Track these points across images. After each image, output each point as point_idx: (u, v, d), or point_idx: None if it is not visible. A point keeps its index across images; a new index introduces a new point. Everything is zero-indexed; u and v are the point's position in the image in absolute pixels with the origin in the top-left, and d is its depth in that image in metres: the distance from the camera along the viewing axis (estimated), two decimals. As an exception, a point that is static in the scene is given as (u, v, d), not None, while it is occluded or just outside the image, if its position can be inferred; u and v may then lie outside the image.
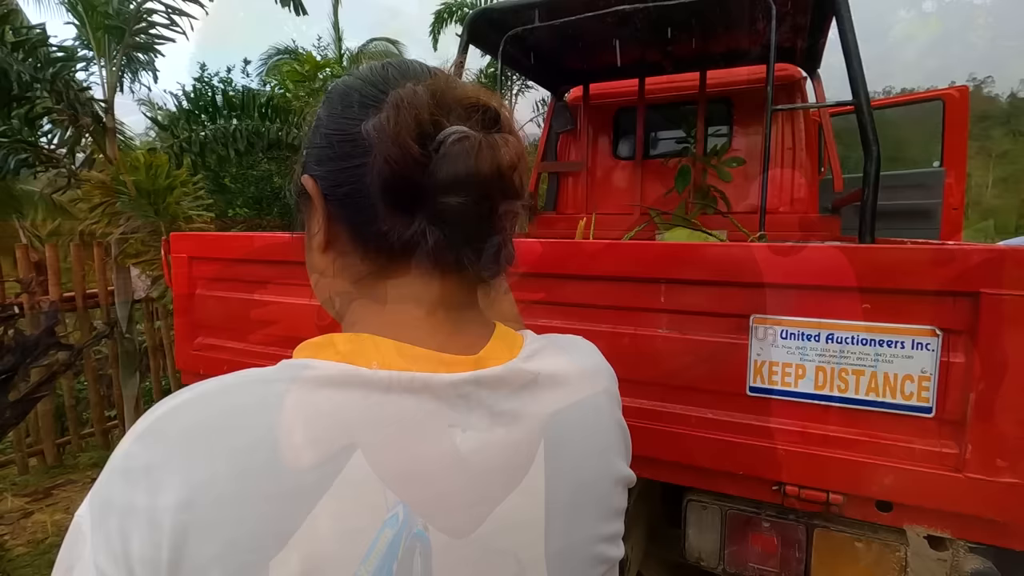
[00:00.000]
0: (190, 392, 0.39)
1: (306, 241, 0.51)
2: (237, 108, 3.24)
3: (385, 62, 0.48)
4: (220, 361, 1.73)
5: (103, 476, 0.37)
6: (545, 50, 3.36)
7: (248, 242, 1.65)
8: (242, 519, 0.34)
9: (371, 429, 0.38)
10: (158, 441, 0.37)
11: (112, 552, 0.34)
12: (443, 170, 0.41)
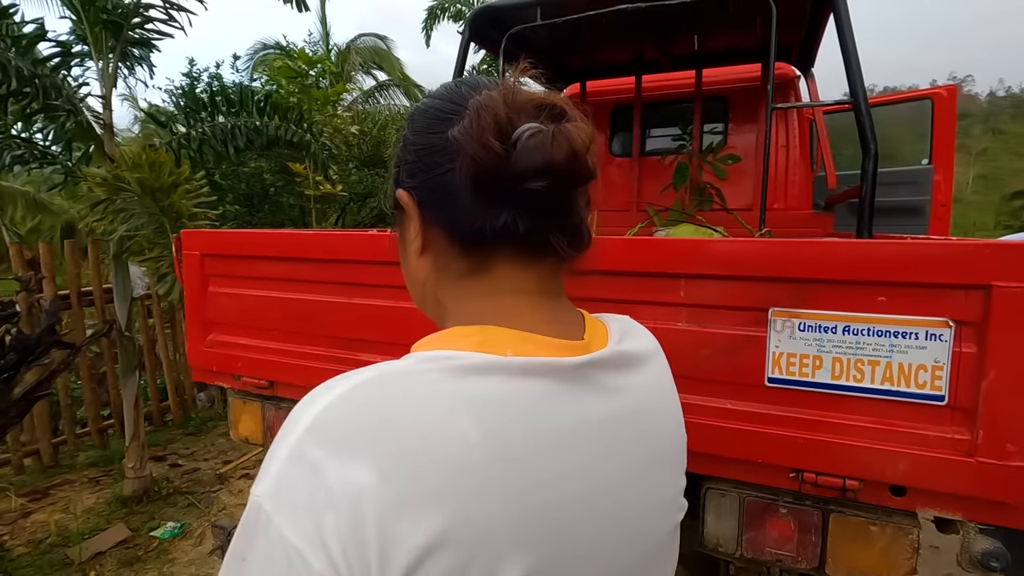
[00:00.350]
0: (347, 383, 0.43)
1: (401, 249, 0.56)
2: (235, 105, 3.22)
3: (456, 80, 0.54)
4: (233, 358, 1.73)
5: (278, 466, 0.40)
6: (543, 47, 3.38)
7: (262, 239, 1.66)
8: (430, 499, 0.37)
9: (515, 410, 0.42)
10: (333, 429, 0.39)
11: (306, 534, 0.36)
12: (523, 162, 0.45)
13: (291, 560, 0.36)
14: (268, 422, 1.73)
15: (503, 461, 0.40)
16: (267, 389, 1.70)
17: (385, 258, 1.46)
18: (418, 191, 0.51)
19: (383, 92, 13.55)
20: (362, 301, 1.51)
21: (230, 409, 1.81)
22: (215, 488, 3.37)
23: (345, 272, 1.52)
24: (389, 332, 1.48)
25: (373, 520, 0.36)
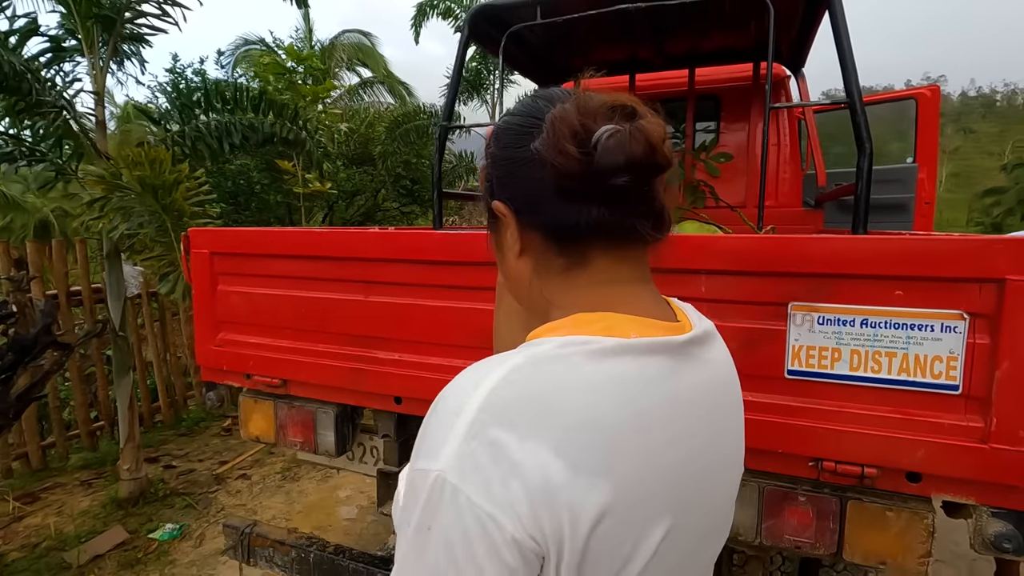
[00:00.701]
0: (504, 367, 0.47)
1: (499, 254, 0.62)
2: (230, 102, 3.18)
3: (532, 95, 0.59)
4: (244, 357, 1.72)
5: (457, 444, 0.43)
6: (539, 46, 3.39)
7: (276, 238, 1.65)
8: (597, 471, 0.43)
9: (644, 385, 0.49)
10: (506, 409, 0.44)
11: (495, 500, 0.41)
12: (605, 160, 0.49)
13: (483, 524, 0.40)
14: (280, 421, 1.73)
15: (643, 431, 0.47)
16: (280, 388, 1.69)
17: (405, 256, 1.46)
18: (513, 200, 0.56)
19: (367, 89, 13.44)
20: (381, 299, 1.52)
21: (240, 408, 1.80)
22: (212, 489, 3.34)
23: (363, 270, 1.52)
24: (409, 330, 1.49)
25: (559, 487, 0.41)
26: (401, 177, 7.87)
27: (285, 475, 3.53)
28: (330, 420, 1.66)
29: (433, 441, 0.45)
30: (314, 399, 1.68)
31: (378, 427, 1.69)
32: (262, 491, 3.33)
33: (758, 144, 3.72)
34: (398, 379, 1.52)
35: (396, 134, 6.73)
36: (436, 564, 0.42)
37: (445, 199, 3.22)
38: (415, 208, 9.16)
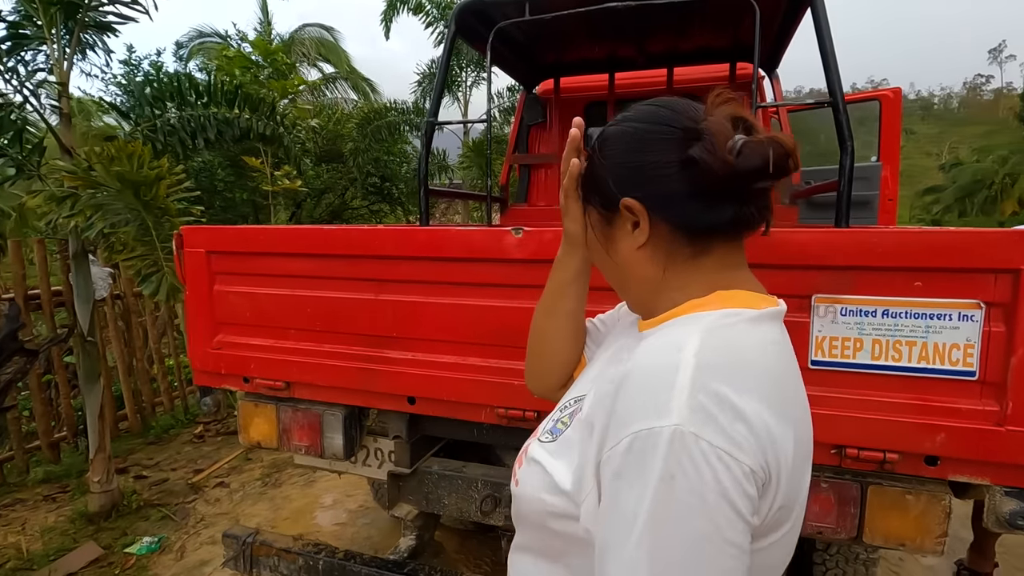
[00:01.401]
0: (695, 336, 0.55)
1: (606, 246, 0.68)
2: (204, 95, 3.05)
3: (654, 105, 0.65)
4: (244, 360, 1.66)
5: (685, 400, 0.49)
6: (522, 43, 3.38)
7: (279, 236, 1.59)
8: (787, 419, 0.53)
9: (782, 346, 0.60)
10: (718, 367, 0.52)
11: (731, 440, 0.48)
12: (747, 164, 0.56)
13: (726, 461, 0.47)
14: (284, 424, 1.67)
15: (795, 385, 0.59)
16: (283, 391, 1.64)
17: (421, 253, 1.43)
18: (647, 199, 0.61)
19: (330, 85, 13.15)
20: (393, 297, 1.48)
21: (240, 413, 1.73)
22: (189, 499, 3.20)
23: (375, 268, 1.48)
24: (423, 328, 1.46)
25: (771, 428, 0.50)
26: (370, 175, 7.74)
27: (266, 481, 3.42)
28: (338, 422, 1.61)
29: (654, 402, 0.50)
30: (321, 401, 1.63)
31: (388, 428, 1.65)
32: (243, 498, 3.22)
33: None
34: (412, 378, 1.49)
35: (367, 131, 6.60)
36: (688, 506, 0.46)
37: (432, 197, 3.18)
38: (383, 206, 9.02)
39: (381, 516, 2.94)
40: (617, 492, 0.50)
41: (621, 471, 0.50)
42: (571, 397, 0.72)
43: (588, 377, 0.75)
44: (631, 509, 0.48)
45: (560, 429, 0.67)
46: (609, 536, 0.50)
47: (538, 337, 0.86)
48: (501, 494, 1.54)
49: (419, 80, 8.97)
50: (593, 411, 0.61)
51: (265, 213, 7.00)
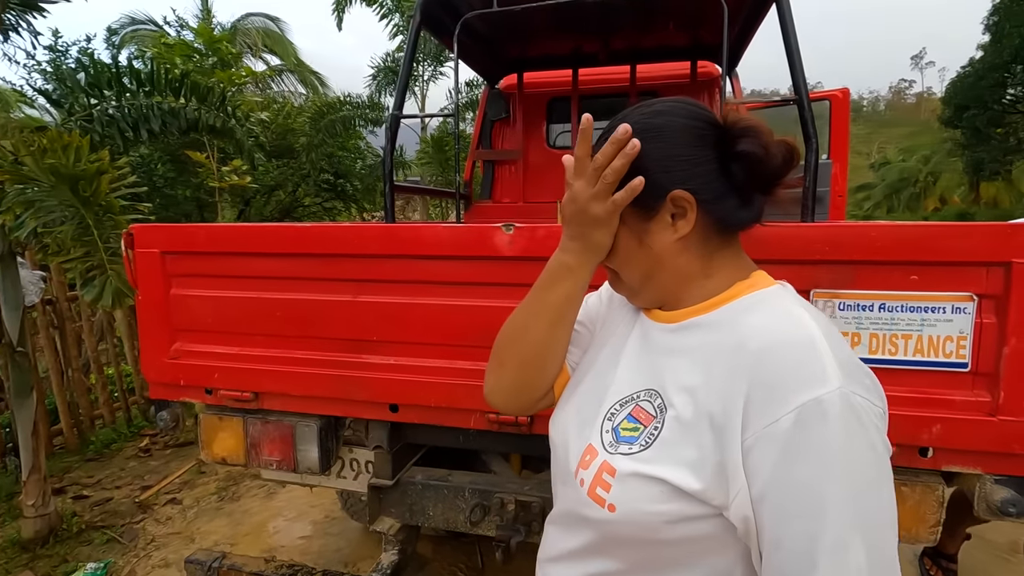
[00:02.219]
0: (792, 306, 0.62)
1: (641, 236, 0.67)
2: (146, 83, 2.82)
3: (688, 102, 0.68)
4: (206, 370, 1.53)
5: (844, 371, 0.53)
6: (484, 36, 3.31)
7: (248, 234, 1.46)
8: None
9: None
10: (834, 339, 0.57)
11: (880, 397, 0.56)
12: (776, 163, 0.63)
13: (872, 410, 0.53)
14: (252, 438, 1.55)
15: None
16: (251, 402, 1.52)
17: (406, 251, 1.35)
18: (698, 192, 0.63)
19: (277, 78, 12.65)
20: (374, 299, 1.39)
21: (201, 427, 1.59)
22: (137, 519, 2.97)
23: (354, 267, 1.39)
24: (407, 331, 1.38)
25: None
26: (324, 171, 7.47)
27: (222, 495, 3.22)
28: (313, 434, 1.51)
29: (810, 370, 0.53)
30: (293, 412, 1.52)
31: (368, 437, 1.56)
32: (198, 515, 3.01)
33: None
34: (394, 385, 1.41)
35: (320, 125, 6.35)
36: (867, 461, 0.51)
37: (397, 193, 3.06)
38: (337, 204, 8.74)
39: (350, 526, 2.82)
40: (789, 469, 0.52)
41: (789, 447, 0.51)
42: (614, 402, 0.68)
43: (620, 379, 0.70)
44: (814, 483, 0.51)
45: (632, 437, 0.63)
46: (791, 515, 0.51)
47: (539, 349, 0.78)
48: (490, 502, 1.47)
49: (374, 74, 8.73)
50: (704, 404, 0.59)
51: (211, 211, 6.64)
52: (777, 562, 0.52)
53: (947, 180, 25.94)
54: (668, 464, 0.59)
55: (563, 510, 0.72)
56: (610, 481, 0.62)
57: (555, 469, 0.76)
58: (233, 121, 3.13)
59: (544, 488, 1.47)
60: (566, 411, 0.76)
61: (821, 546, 0.49)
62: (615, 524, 0.62)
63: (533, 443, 1.47)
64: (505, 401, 0.82)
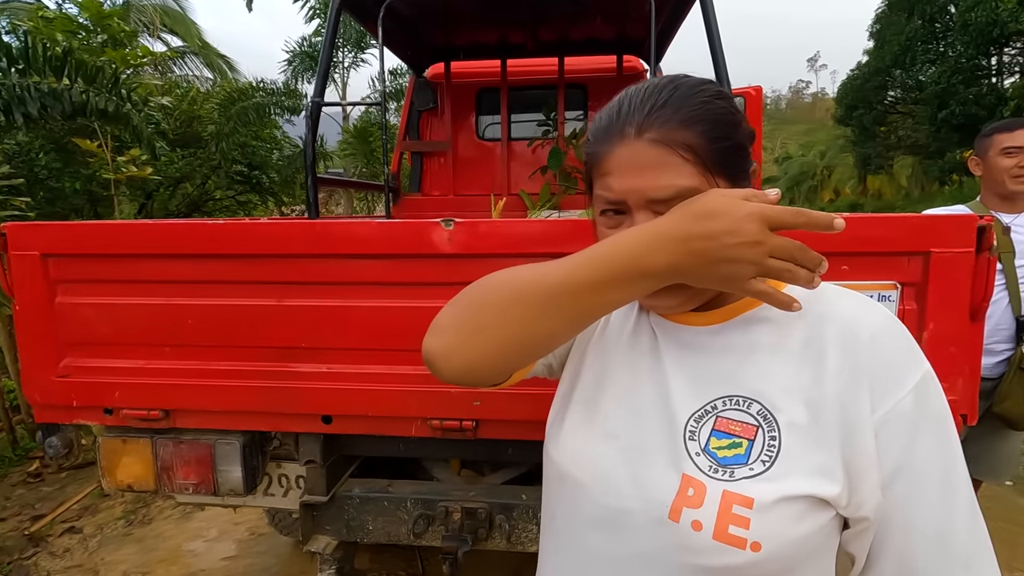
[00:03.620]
0: (888, 311, 0.62)
1: None
2: (19, 59, 2.47)
3: (707, 80, 0.61)
4: (105, 387, 1.35)
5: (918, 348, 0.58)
6: (409, 22, 3.19)
7: (146, 232, 1.29)
8: None
9: None
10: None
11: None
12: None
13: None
14: (163, 461, 1.39)
15: None
16: (161, 421, 1.36)
17: (338, 250, 1.24)
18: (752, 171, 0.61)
19: (179, 61, 11.68)
20: (302, 302, 1.28)
21: (101, 452, 1.41)
22: (28, 553, 2.63)
23: (278, 268, 1.26)
24: (340, 336, 1.28)
25: None
26: (236, 162, 6.97)
27: (130, 519, 2.93)
28: (235, 452, 1.37)
29: (913, 350, 0.57)
30: (212, 429, 1.37)
31: (299, 451, 1.44)
32: (102, 544, 2.71)
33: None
34: (327, 394, 1.30)
35: (231, 113, 5.90)
36: (954, 431, 0.56)
37: (321, 186, 2.89)
38: (252, 197, 8.21)
39: (279, 542, 2.65)
40: (912, 448, 0.54)
41: (912, 425, 0.54)
42: (687, 418, 0.58)
43: (679, 392, 0.60)
44: (932, 457, 0.54)
45: (739, 456, 0.55)
46: (925, 491, 0.54)
47: (542, 341, 0.57)
48: (434, 511, 1.40)
49: (289, 59, 8.25)
50: (822, 398, 0.55)
51: (106, 206, 6.00)
52: (907, 545, 0.54)
53: (840, 173, 28.29)
54: (802, 476, 0.53)
55: (651, 567, 0.57)
56: (747, 515, 0.52)
57: (583, 509, 0.62)
58: (129, 105, 2.82)
59: (493, 493, 1.42)
60: (589, 438, 0.64)
61: (959, 521, 0.54)
62: (758, 566, 0.52)
63: (477, 448, 1.42)
64: (457, 370, 0.59)
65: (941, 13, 14.19)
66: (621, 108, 0.59)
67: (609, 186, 0.58)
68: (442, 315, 0.59)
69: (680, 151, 0.54)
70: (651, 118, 0.55)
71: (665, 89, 0.57)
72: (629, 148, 0.56)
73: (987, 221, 1.10)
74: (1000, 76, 14.12)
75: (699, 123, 0.55)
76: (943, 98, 13.28)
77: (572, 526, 0.64)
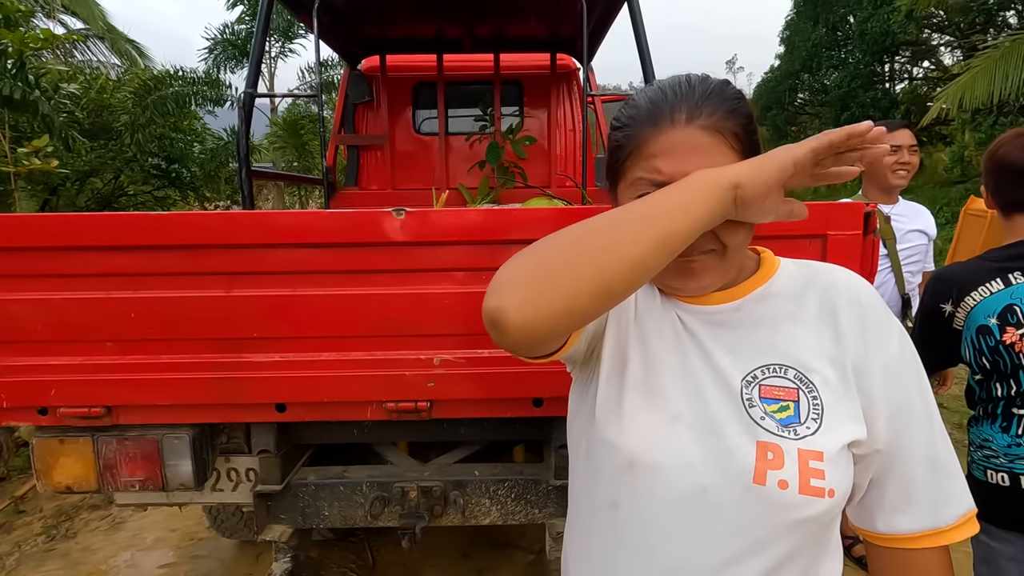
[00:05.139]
0: (866, 282, 0.70)
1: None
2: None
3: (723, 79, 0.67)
4: (39, 386, 1.30)
5: (898, 324, 0.68)
6: (343, 14, 3.16)
7: (83, 224, 1.25)
8: None
9: None
10: None
11: None
12: None
13: None
14: (106, 460, 1.35)
15: None
16: (103, 418, 1.32)
17: (287, 240, 1.26)
18: None
19: (82, 46, 10.80)
20: (251, 292, 1.28)
21: (35, 454, 1.36)
22: (-67, 578, 2.42)
23: (225, 259, 1.26)
24: (292, 325, 1.30)
25: None
26: (153, 155, 6.56)
27: (52, 534, 2.75)
28: (184, 446, 1.36)
29: (887, 309, 0.68)
30: (159, 424, 1.35)
31: (251, 443, 1.44)
32: (20, 562, 2.54)
33: (557, 129, 4.06)
34: (281, 382, 1.32)
35: (147, 102, 5.55)
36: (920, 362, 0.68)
37: (256, 180, 2.81)
38: (172, 192, 7.74)
39: (221, 544, 2.58)
40: (904, 387, 0.65)
41: (903, 370, 0.65)
42: (738, 388, 0.63)
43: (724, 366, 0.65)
44: (917, 393, 0.65)
45: (792, 417, 0.62)
46: (917, 422, 0.64)
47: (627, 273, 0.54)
48: (390, 492, 1.45)
49: (210, 47, 7.82)
50: (842, 356, 0.65)
51: (3, 203, 5.49)
52: (907, 466, 0.64)
53: (757, 170, 30.09)
54: (847, 423, 0.62)
55: (739, 533, 0.60)
56: (820, 467, 0.59)
57: (659, 493, 0.63)
58: (37, 92, 2.62)
59: (446, 471, 1.49)
60: (655, 422, 0.64)
61: (938, 438, 0.65)
62: (832, 510, 0.61)
63: (432, 429, 1.48)
64: (527, 322, 0.53)
65: (842, 23, 15.41)
66: (665, 95, 0.64)
67: (657, 168, 0.61)
68: (502, 274, 0.56)
69: (729, 139, 0.62)
70: (700, 107, 0.61)
71: (702, 82, 0.64)
72: (680, 133, 0.61)
73: (872, 207, 1.28)
74: (892, 82, 15.55)
75: (739, 115, 0.63)
76: (845, 101, 14.48)
77: (647, 512, 0.64)
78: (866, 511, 0.68)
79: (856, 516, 0.71)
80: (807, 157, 0.55)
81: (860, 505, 0.69)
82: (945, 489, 0.65)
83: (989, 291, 1.23)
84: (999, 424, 1.22)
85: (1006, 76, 6.23)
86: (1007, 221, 1.33)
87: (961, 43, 12.67)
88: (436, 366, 1.30)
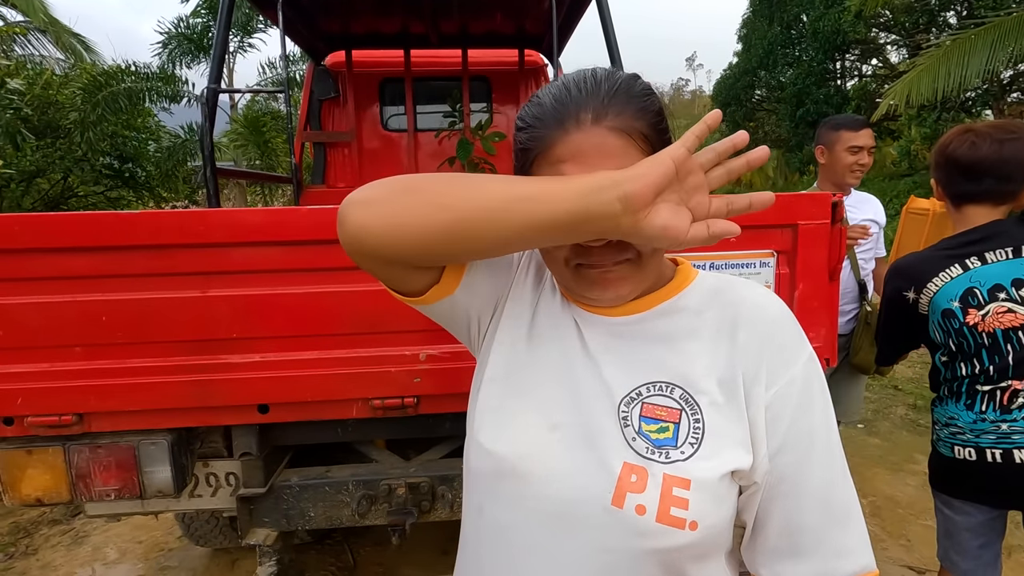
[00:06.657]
0: (778, 302, 0.65)
1: None
2: None
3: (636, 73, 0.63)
4: (6, 394, 1.24)
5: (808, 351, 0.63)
6: (306, 8, 3.10)
7: (45, 225, 1.20)
8: None
9: None
10: None
11: None
12: None
13: None
14: (78, 469, 1.30)
15: None
16: (74, 426, 1.27)
17: (266, 238, 1.24)
18: None
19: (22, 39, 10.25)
20: (228, 292, 1.25)
21: (1, 466, 1.29)
22: None
23: (199, 259, 1.23)
24: (273, 325, 1.28)
25: None
26: (105, 154, 6.29)
27: (10, 552, 2.62)
28: (162, 452, 1.32)
29: (799, 334, 0.62)
30: (133, 430, 1.31)
31: (233, 446, 1.41)
32: (-24, 583, 2.42)
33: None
34: (263, 383, 1.30)
35: (98, 99, 5.31)
36: (828, 394, 0.62)
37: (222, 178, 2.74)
38: (125, 193, 7.45)
39: (193, 553, 2.51)
40: (799, 420, 0.59)
41: (801, 400, 0.59)
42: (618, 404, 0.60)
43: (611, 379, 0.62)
44: (818, 427, 0.59)
45: (668, 439, 0.58)
46: (811, 458, 0.58)
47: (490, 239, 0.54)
48: (376, 490, 1.44)
49: (164, 41, 7.53)
50: (733, 374, 0.59)
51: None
52: (795, 507, 0.58)
53: (717, 165, 30.87)
54: (727, 451, 0.57)
55: (597, 556, 0.57)
56: (685, 495, 0.55)
57: (527, 503, 0.60)
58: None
59: (432, 467, 1.49)
60: (530, 427, 0.62)
61: (837, 481, 0.59)
62: (696, 545, 0.56)
63: (416, 425, 1.47)
64: (371, 225, 0.55)
65: (796, 21, 15.92)
66: (569, 93, 0.57)
67: (564, 173, 0.56)
68: (373, 183, 0.56)
69: (638, 140, 0.56)
70: (606, 106, 0.56)
71: (608, 78, 0.58)
72: (587, 135, 0.55)
73: (839, 197, 1.34)
74: (843, 79, 16.16)
75: (648, 114, 0.57)
76: (800, 97, 14.97)
77: (509, 521, 0.62)
78: (751, 554, 0.62)
79: (746, 558, 0.64)
80: (682, 155, 0.50)
81: (748, 546, 0.63)
82: (838, 539, 0.58)
83: (949, 276, 1.31)
84: (963, 402, 1.30)
85: (948, 74, 6.55)
86: (957, 212, 1.41)
87: (907, 42, 13.27)
88: (422, 361, 1.30)
